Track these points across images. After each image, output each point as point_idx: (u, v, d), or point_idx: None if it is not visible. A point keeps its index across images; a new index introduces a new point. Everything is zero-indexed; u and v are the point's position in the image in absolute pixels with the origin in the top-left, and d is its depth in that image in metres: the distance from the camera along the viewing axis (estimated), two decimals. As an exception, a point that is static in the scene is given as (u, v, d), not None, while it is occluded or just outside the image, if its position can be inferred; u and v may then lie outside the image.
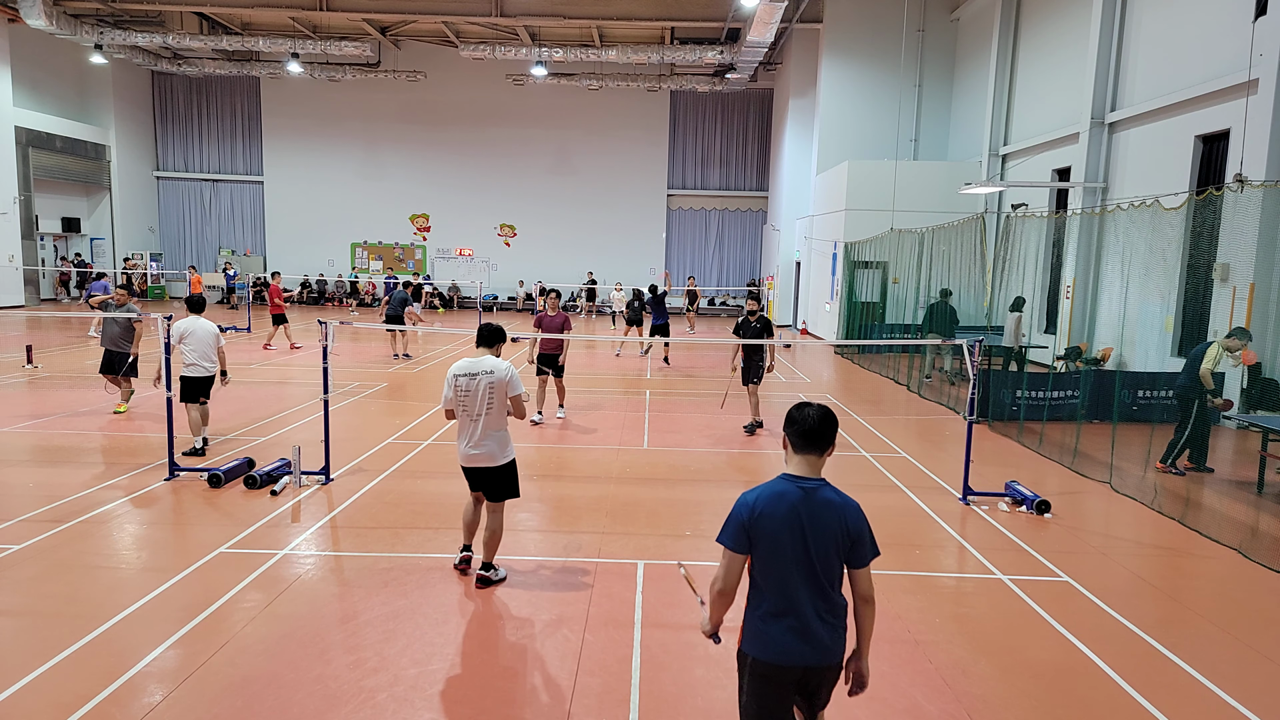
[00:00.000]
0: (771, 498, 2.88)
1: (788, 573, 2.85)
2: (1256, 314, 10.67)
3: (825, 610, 2.87)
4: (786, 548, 2.84)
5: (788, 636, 2.85)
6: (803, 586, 2.85)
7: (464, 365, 5.45)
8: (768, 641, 2.88)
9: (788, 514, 2.84)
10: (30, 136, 26.28)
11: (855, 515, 2.90)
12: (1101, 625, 5.17)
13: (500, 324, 5.73)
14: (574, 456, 9.19)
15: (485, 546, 5.55)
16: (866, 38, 23.49)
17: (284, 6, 23.60)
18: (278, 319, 17.94)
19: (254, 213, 33.16)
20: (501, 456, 5.50)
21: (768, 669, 2.89)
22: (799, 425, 2.95)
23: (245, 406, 11.39)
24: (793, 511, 2.85)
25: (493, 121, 31.69)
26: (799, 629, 2.85)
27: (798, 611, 2.85)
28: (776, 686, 2.91)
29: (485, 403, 5.38)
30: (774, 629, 2.87)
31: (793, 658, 2.86)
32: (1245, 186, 9.80)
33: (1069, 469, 9.05)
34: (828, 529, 2.85)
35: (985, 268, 15.25)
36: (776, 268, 28.40)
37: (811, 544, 2.84)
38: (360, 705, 4.08)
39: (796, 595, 2.85)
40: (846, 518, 2.87)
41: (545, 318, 10.91)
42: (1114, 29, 15.26)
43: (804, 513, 2.85)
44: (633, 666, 4.53)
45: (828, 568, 2.86)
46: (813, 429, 2.93)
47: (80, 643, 4.59)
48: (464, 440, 5.49)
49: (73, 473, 7.97)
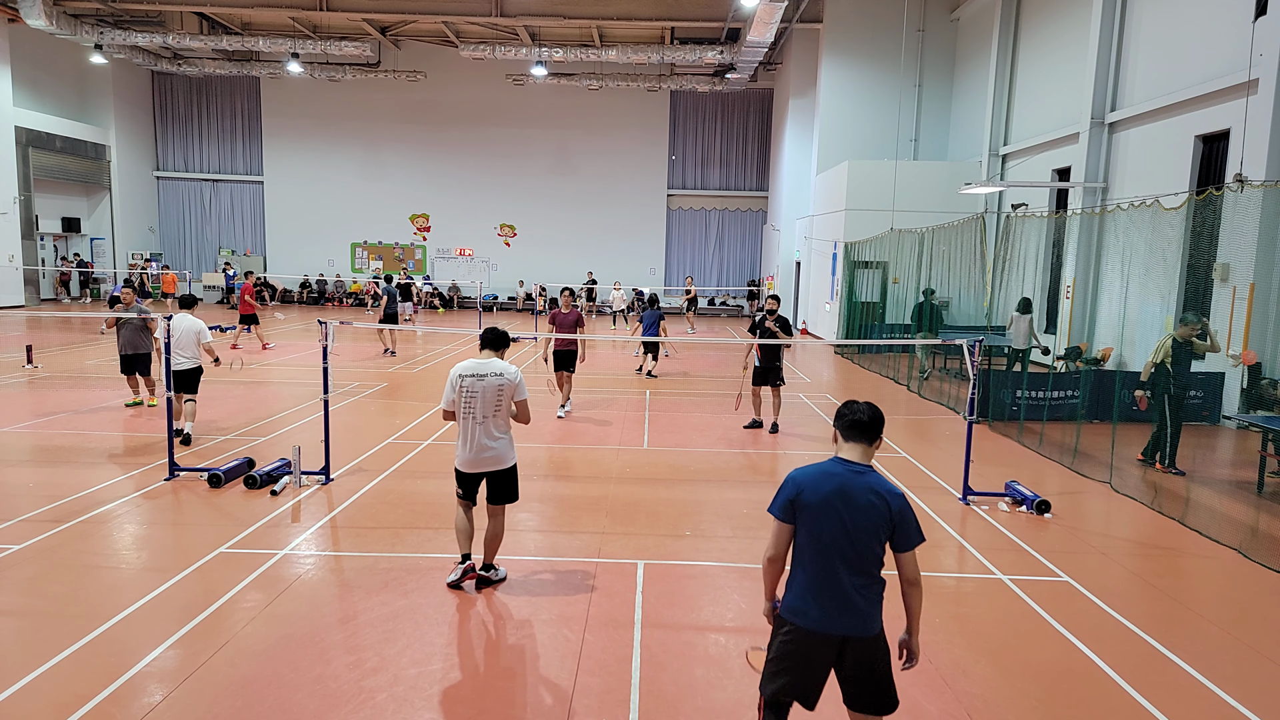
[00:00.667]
0: (820, 476, 3.11)
1: (827, 547, 3.06)
2: (1256, 314, 10.67)
3: (861, 586, 3.06)
4: (827, 524, 3.05)
5: (826, 608, 3.05)
6: (840, 561, 3.05)
7: (470, 366, 5.33)
8: (808, 612, 3.08)
9: (831, 493, 3.06)
10: (30, 136, 26.28)
11: (899, 502, 3.09)
12: (1101, 625, 5.17)
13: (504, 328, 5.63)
14: (574, 456, 9.19)
15: (486, 548, 5.53)
16: (866, 38, 23.49)
17: (284, 6, 23.60)
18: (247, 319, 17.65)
19: (254, 213, 33.17)
20: (509, 459, 5.42)
21: (801, 635, 3.09)
22: (849, 417, 3.19)
23: (245, 406, 11.40)
24: (837, 491, 3.06)
25: (493, 121, 31.70)
26: (835, 601, 3.05)
27: (834, 584, 3.05)
28: (807, 648, 3.10)
29: (494, 404, 5.28)
30: (810, 599, 3.07)
31: (826, 626, 3.06)
32: (1245, 186, 9.79)
33: (1069, 469, 9.05)
34: (868, 512, 3.04)
35: (985, 268, 15.25)
36: (776, 268, 28.41)
37: (850, 523, 3.04)
38: (360, 705, 4.08)
39: (834, 569, 3.05)
40: (890, 504, 3.06)
41: (560, 315, 11.03)
42: (1114, 29, 15.26)
43: (847, 493, 3.05)
44: (633, 666, 4.53)
45: (866, 547, 3.06)
46: (861, 420, 3.17)
47: (80, 643, 4.59)
48: (467, 444, 5.34)
49: (73, 473, 7.97)
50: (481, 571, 5.51)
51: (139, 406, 11.09)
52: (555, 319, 11.06)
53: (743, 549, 6.39)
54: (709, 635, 4.92)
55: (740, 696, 4.22)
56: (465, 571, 5.42)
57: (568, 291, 11.41)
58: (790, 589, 3.17)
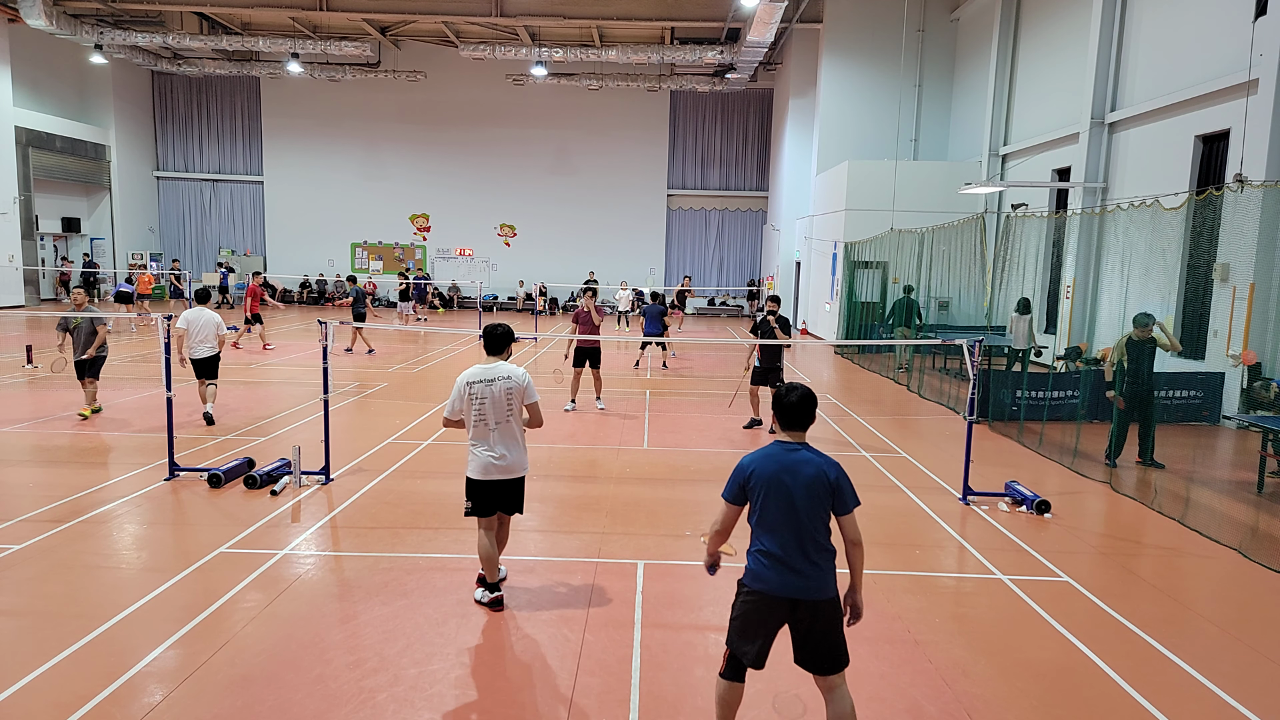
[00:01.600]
0: (763, 458, 3.49)
1: (778, 519, 3.41)
2: (1256, 314, 10.66)
3: (812, 551, 3.40)
4: (775, 498, 3.42)
5: (777, 571, 3.40)
6: (790, 531, 3.40)
7: (477, 372, 5.11)
8: (762, 575, 3.43)
9: (776, 470, 3.44)
10: (30, 136, 26.27)
11: (834, 469, 3.46)
12: (1101, 625, 5.17)
13: (507, 324, 5.42)
14: (574, 456, 9.19)
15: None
16: (866, 38, 23.49)
17: (284, 6, 23.60)
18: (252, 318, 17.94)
19: (254, 213, 33.17)
20: (522, 467, 5.23)
21: (759, 597, 3.44)
22: (783, 405, 3.57)
23: (245, 406, 11.39)
24: (780, 468, 3.44)
25: (493, 121, 31.69)
26: (787, 566, 3.39)
27: (786, 551, 3.39)
28: (764, 611, 3.44)
29: (505, 409, 5.09)
30: (767, 565, 3.42)
31: (780, 589, 3.39)
32: (1245, 186, 9.79)
33: (1069, 469, 9.05)
34: (809, 481, 3.41)
35: (985, 268, 15.25)
36: (776, 268, 28.41)
37: (796, 495, 3.40)
38: (360, 705, 4.08)
39: (786, 538, 3.40)
40: (826, 471, 3.44)
41: (582, 314, 11.70)
42: (1114, 29, 15.26)
43: (788, 469, 3.43)
44: (633, 666, 4.53)
45: (812, 516, 3.40)
46: (792, 406, 3.54)
47: (80, 643, 4.59)
48: (481, 453, 5.11)
49: (73, 473, 7.97)
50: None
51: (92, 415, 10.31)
52: (579, 318, 11.68)
53: (742, 549, 6.38)
54: (709, 635, 4.92)
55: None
56: (496, 601, 5.18)
57: (590, 293, 11.99)
58: (750, 557, 3.50)
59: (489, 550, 5.21)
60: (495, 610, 5.15)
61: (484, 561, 5.22)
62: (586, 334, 11.29)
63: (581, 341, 11.40)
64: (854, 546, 3.45)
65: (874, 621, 5.16)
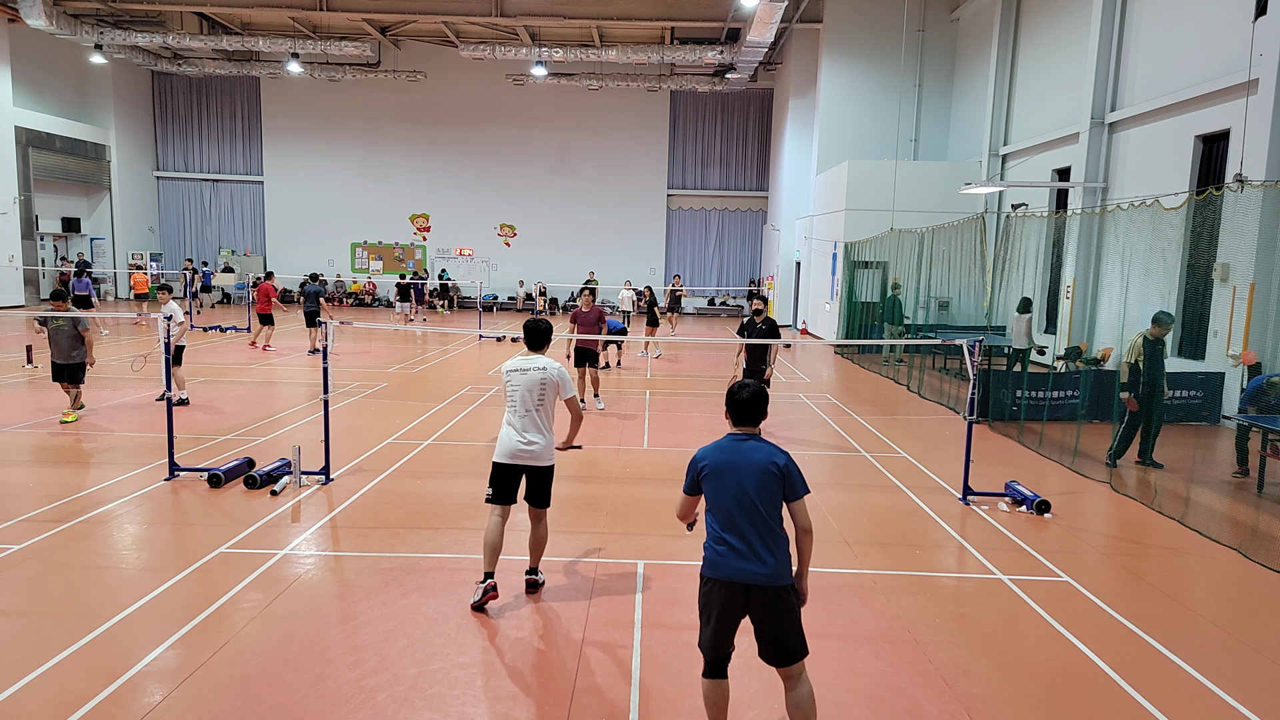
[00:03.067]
0: (715, 450, 3.61)
1: (731, 508, 3.51)
2: (1256, 314, 10.66)
3: (766, 538, 3.47)
4: (727, 487, 3.52)
5: (732, 559, 3.48)
6: (744, 519, 3.48)
7: (516, 362, 5.33)
8: (717, 564, 3.52)
9: (728, 461, 3.55)
10: (30, 136, 26.28)
11: (783, 457, 3.56)
12: (1101, 625, 5.17)
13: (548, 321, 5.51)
14: (574, 456, 9.18)
15: (531, 551, 5.48)
16: (866, 38, 23.49)
17: (284, 6, 23.60)
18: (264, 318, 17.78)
19: (254, 213, 33.17)
20: (547, 458, 5.30)
21: (714, 585, 3.53)
22: (735, 401, 3.66)
23: (245, 406, 11.40)
24: (732, 459, 3.55)
25: (493, 121, 31.69)
26: (741, 553, 3.47)
27: (741, 539, 3.48)
28: (722, 598, 3.51)
29: (536, 398, 5.22)
30: (722, 554, 3.51)
31: (736, 575, 3.46)
32: (1245, 186, 9.79)
33: (1069, 469, 9.05)
34: (759, 470, 3.50)
35: (985, 268, 15.25)
36: (776, 268, 28.40)
37: (748, 484, 3.49)
38: (360, 705, 4.08)
39: (739, 526, 3.49)
40: (775, 459, 3.52)
41: (580, 313, 11.68)
42: (1114, 29, 15.26)
43: (740, 459, 3.54)
44: (633, 666, 4.53)
45: (766, 504, 3.48)
46: (744, 403, 3.64)
47: (80, 643, 4.59)
48: (508, 436, 5.23)
49: (73, 473, 7.97)
50: (528, 575, 5.49)
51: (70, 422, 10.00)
52: (576, 317, 11.70)
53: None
54: (709, 635, 4.92)
55: (740, 696, 4.22)
56: (487, 591, 5.13)
57: (588, 291, 12.02)
58: (706, 548, 3.59)
59: (495, 539, 5.19)
60: (490, 596, 5.15)
61: (486, 548, 5.19)
62: (585, 334, 11.33)
63: (580, 341, 11.48)
64: (804, 534, 3.55)
65: (874, 621, 5.17)
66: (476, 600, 5.13)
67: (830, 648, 4.80)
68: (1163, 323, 8.89)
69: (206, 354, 16.78)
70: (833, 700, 4.24)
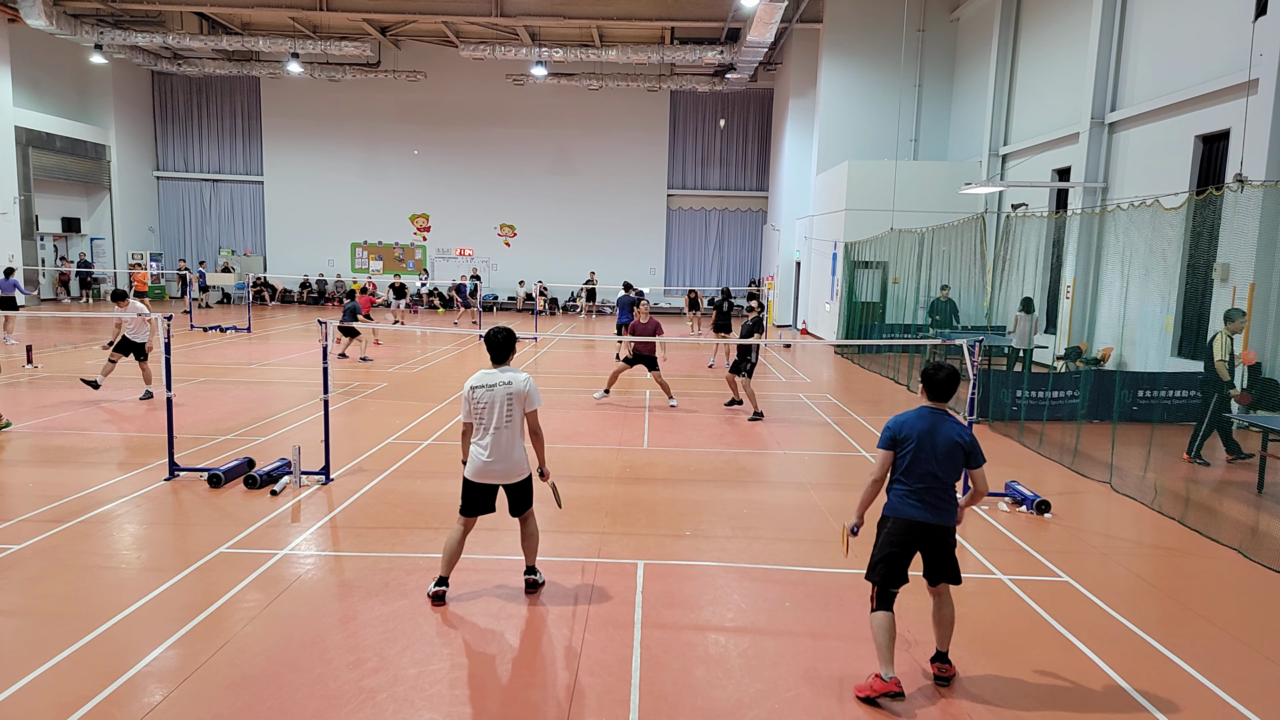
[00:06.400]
0: (913, 418, 4.35)
1: (918, 466, 4.26)
2: (1256, 314, 10.66)
3: (942, 491, 4.28)
4: (918, 449, 4.26)
5: (915, 506, 4.27)
6: (926, 477, 4.26)
7: (480, 377, 5.17)
8: (903, 508, 4.29)
9: (923, 428, 4.30)
10: (30, 136, 26.27)
11: (969, 433, 4.34)
12: (1101, 625, 5.17)
13: (508, 328, 5.35)
14: (574, 456, 9.19)
15: (526, 551, 5.47)
16: (866, 38, 23.49)
17: (284, 6, 23.59)
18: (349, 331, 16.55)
19: (254, 213, 33.17)
20: (521, 471, 5.23)
21: (901, 524, 4.28)
22: (929, 381, 4.39)
23: (245, 406, 11.40)
24: (926, 427, 4.30)
25: (493, 121, 31.69)
26: (923, 503, 4.26)
27: (923, 491, 4.26)
28: (904, 536, 4.28)
29: (504, 415, 5.08)
30: (908, 501, 4.28)
31: (918, 516, 4.26)
32: (1245, 186, 9.79)
33: (1069, 469, 9.05)
34: (948, 440, 4.27)
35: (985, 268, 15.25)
36: (776, 268, 28.40)
37: (936, 449, 4.25)
38: (360, 705, 4.08)
39: (923, 481, 4.26)
40: (963, 434, 4.30)
41: (639, 325, 12.29)
42: (1114, 29, 15.26)
43: (932, 428, 4.29)
44: (633, 666, 4.53)
45: (947, 467, 4.26)
46: (938, 382, 4.36)
47: (80, 643, 4.59)
48: (479, 455, 5.16)
49: (73, 473, 7.97)
50: (526, 575, 5.47)
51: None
52: (636, 329, 12.25)
53: (742, 549, 6.39)
54: (709, 635, 4.92)
55: (740, 697, 4.22)
56: (439, 598, 5.22)
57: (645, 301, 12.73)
58: (892, 496, 4.35)
59: (453, 547, 5.29)
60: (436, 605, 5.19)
61: (446, 554, 5.29)
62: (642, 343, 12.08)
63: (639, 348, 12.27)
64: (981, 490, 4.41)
65: (874, 621, 5.16)
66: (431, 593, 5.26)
67: (830, 648, 4.81)
68: (1236, 319, 8.91)
69: (206, 354, 16.78)
70: (833, 700, 4.24)
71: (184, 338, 19.20)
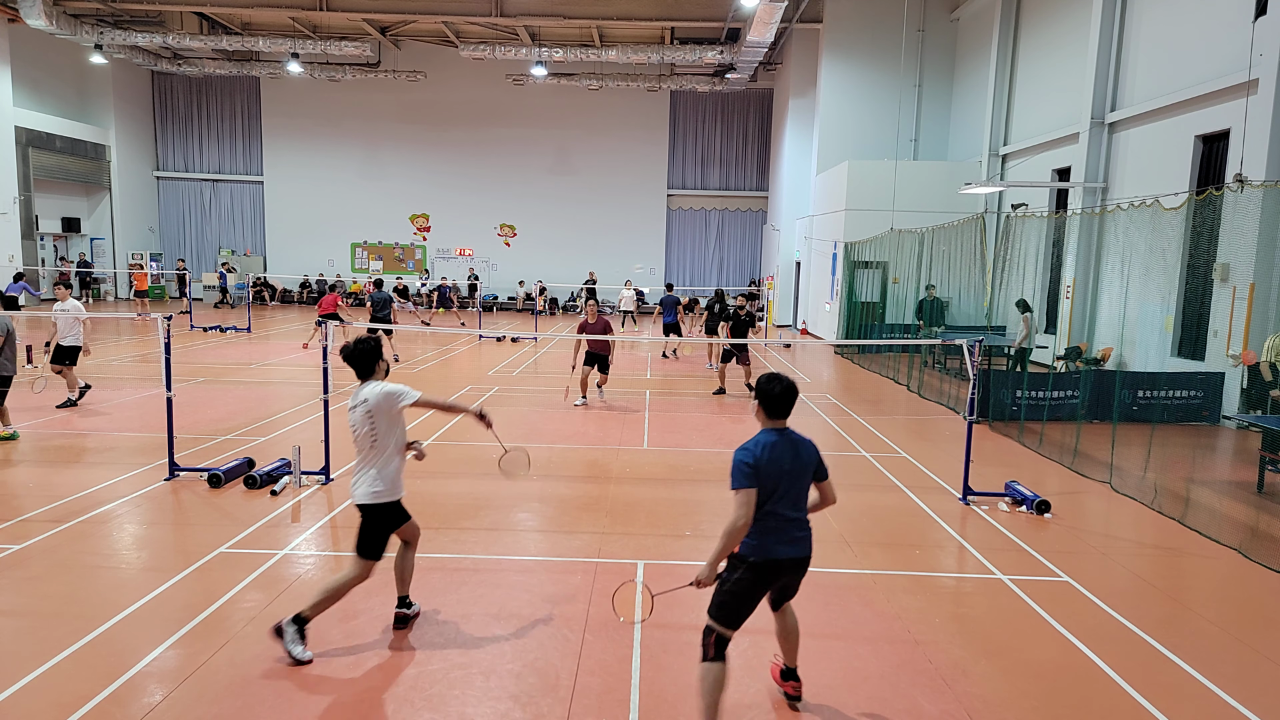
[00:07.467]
0: (768, 445, 3.80)
1: (785, 498, 3.80)
2: (1256, 314, 10.66)
3: (804, 519, 3.90)
4: (779, 477, 3.78)
5: (785, 544, 3.81)
6: (791, 507, 3.83)
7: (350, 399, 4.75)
8: (772, 547, 3.78)
9: (784, 455, 3.81)
10: (30, 136, 26.27)
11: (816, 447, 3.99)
12: (1101, 625, 5.17)
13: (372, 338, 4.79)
14: (574, 456, 9.19)
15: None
16: (866, 38, 23.49)
17: (284, 6, 23.60)
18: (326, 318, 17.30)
19: (254, 213, 33.17)
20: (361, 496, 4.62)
21: (769, 565, 3.80)
22: (766, 396, 3.90)
23: (245, 406, 11.39)
24: (787, 454, 3.83)
25: (493, 121, 31.69)
26: (792, 539, 3.83)
27: (789, 525, 3.82)
28: (771, 577, 3.86)
29: (369, 433, 4.61)
30: (776, 539, 3.79)
31: (792, 554, 3.84)
32: (1245, 186, 9.80)
33: (1069, 469, 9.05)
34: (810, 461, 3.90)
35: (985, 268, 15.26)
36: (776, 268, 28.40)
37: (799, 475, 3.85)
38: (360, 705, 4.08)
39: (791, 511, 3.83)
40: (814, 449, 3.96)
41: (586, 325, 12.10)
42: (1114, 29, 15.26)
43: (793, 453, 3.85)
44: (633, 666, 4.53)
45: (804, 487, 3.89)
46: (775, 397, 3.88)
47: (80, 643, 4.59)
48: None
49: (73, 473, 7.97)
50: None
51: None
52: (584, 328, 12.01)
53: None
54: (709, 635, 4.92)
55: (740, 697, 4.22)
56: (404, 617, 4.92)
57: (593, 302, 12.51)
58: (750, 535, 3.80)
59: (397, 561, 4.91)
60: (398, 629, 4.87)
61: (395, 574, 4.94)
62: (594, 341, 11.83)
63: (592, 346, 11.98)
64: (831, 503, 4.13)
65: (874, 621, 5.17)
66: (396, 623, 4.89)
67: (830, 648, 4.81)
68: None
69: (205, 354, 16.77)
70: (833, 700, 4.24)
71: (184, 338, 19.20)
